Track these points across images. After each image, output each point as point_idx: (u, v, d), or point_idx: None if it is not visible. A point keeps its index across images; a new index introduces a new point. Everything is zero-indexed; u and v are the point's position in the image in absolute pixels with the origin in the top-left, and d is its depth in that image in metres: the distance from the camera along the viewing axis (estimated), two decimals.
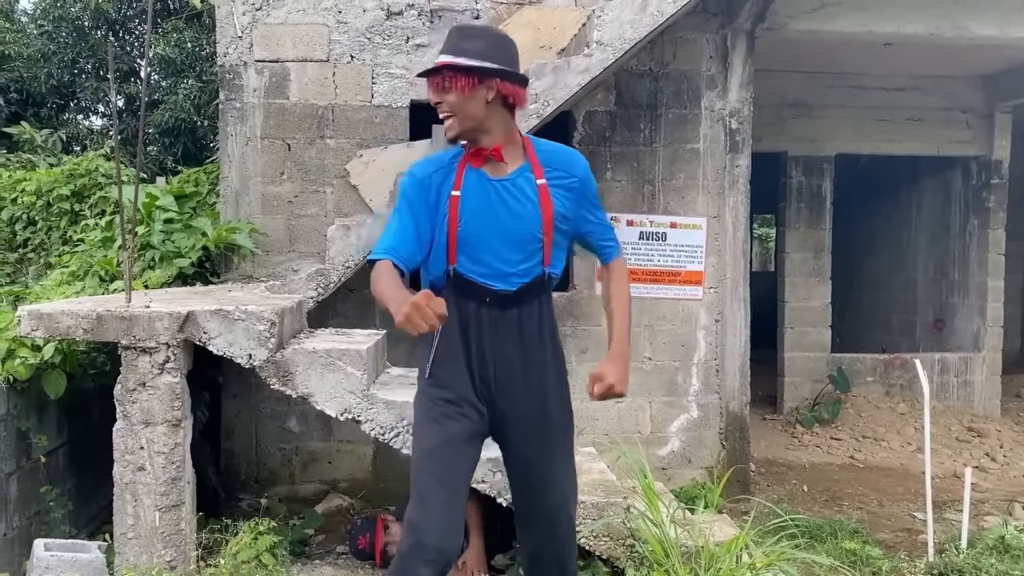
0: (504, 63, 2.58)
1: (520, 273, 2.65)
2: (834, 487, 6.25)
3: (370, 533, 4.20)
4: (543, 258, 2.67)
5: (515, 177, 2.65)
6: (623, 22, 4.70)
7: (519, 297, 2.65)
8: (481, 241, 2.63)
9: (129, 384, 3.50)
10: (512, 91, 2.60)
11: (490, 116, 2.59)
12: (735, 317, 5.85)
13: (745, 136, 5.85)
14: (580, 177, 2.69)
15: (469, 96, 2.55)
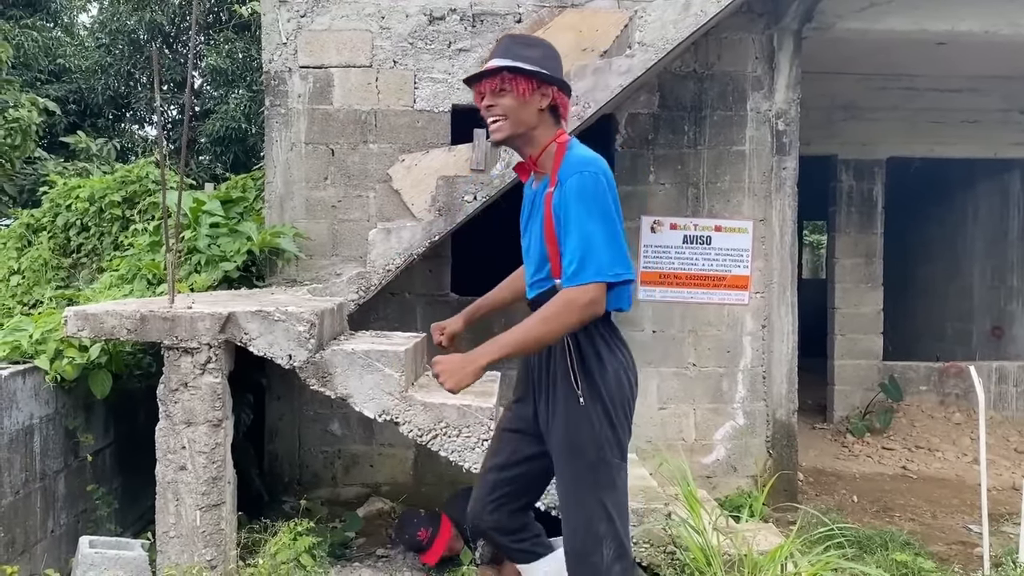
0: (557, 73, 2.61)
1: (535, 285, 2.68)
2: (885, 498, 6.07)
3: (433, 528, 4.10)
4: (552, 270, 2.60)
5: (540, 188, 2.65)
6: (666, 22, 4.64)
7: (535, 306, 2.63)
8: (524, 255, 2.76)
9: (171, 384, 3.54)
10: (563, 101, 2.62)
11: (540, 124, 2.59)
12: (782, 323, 5.73)
13: (792, 138, 5.74)
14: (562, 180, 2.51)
15: (527, 101, 2.55)
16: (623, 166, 5.74)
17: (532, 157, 2.62)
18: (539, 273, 2.65)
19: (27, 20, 16.16)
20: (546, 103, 2.57)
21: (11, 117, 9.99)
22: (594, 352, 2.61)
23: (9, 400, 3.46)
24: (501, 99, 2.54)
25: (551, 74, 2.57)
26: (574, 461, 2.61)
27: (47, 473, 3.77)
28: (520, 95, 2.54)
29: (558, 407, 2.62)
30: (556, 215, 2.52)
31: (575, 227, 2.46)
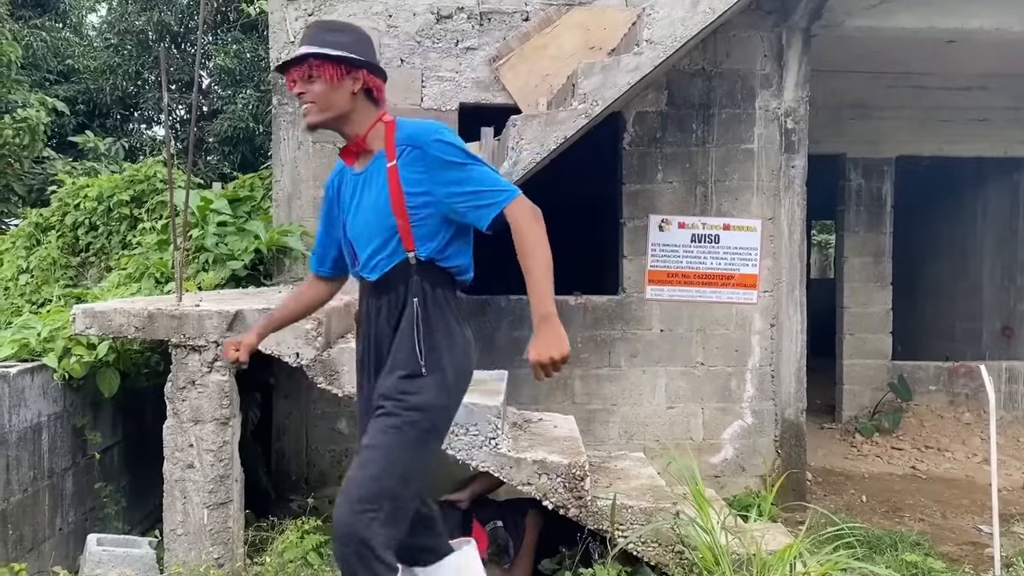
0: (368, 57, 2.63)
1: (381, 263, 2.64)
2: (894, 498, 6.04)
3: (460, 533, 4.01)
4: (403, 243, 2.60)
5: (371, 165, 2.65)
6: (674, 20, 4.63)
7: (384, 286, 2.64)
8: (357, 238, 2.70)
9: (179, 382, 3.54)
10: (376, 84, 2.64)
11: (355, 107, 2.61)
12: (791, 322, 5.71)
13: (801, 136, 5.72)
14: (422, 144, 2.54)
15: (337, 86, 2.57)
16: (631, 164, 5.73)
17: (360, 136, 2.63)
18: (383, 250, 2.62)
19: (36, 20, 16.23)
20: (358, 87, 2.59)
21: (20, 117, 10.02)
22: (444, 325, 2.64)
23: (17, 398, 3.46)
24: (311, 85, 2.56)
25: (360, 58, 2.58)
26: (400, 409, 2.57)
27: (55, 471, 3.78)
28: (329, 80, 2.55)
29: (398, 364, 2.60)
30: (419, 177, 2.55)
31: (470, 167, 2.56)
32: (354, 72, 2.58)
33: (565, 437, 4.03)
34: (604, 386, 5.68)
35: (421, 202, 2.57)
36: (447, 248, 2.65)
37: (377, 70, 2.65)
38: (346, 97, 2.58)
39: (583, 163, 6.23)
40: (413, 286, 2.62)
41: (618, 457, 4.55)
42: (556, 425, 4.30)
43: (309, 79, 2.56)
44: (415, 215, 2.57)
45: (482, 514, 4.05)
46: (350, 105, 2.59)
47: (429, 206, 2.58)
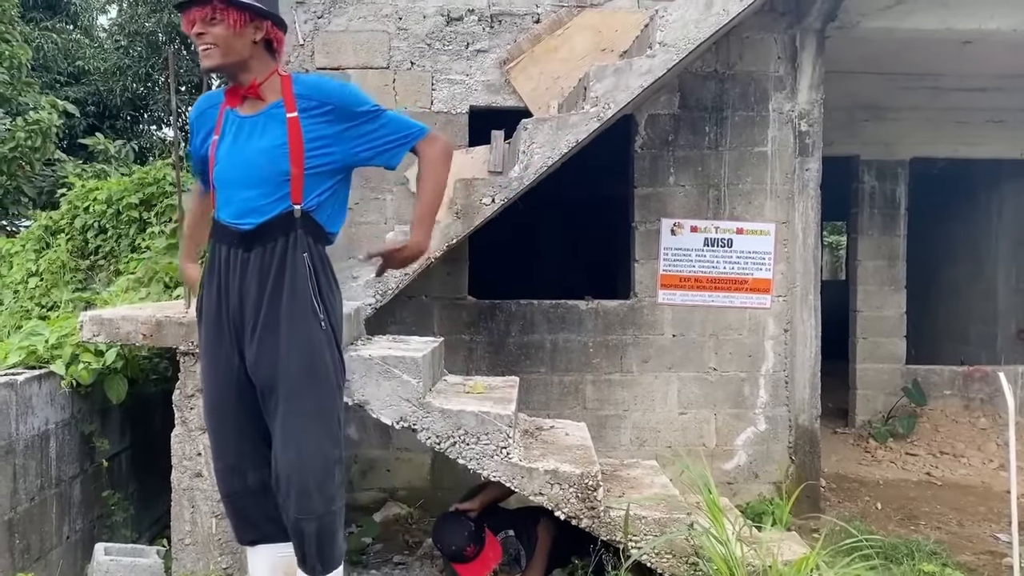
0: (272, 8, 2.66)
1: (260, 210, 2.62)
2: (910, 505, 5.96)
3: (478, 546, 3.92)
4: (291, 193, 2.62)
5: (265, 112, 2.65)
6: (687, 22, 4.56)
7: (261, 235, 2.62)
8: (229, 181, 2.66)
9: (187, 390, 3.50)
10: (277, 36, 2.68)
11: (253, 55, 2.62)
12: (805, 327, 5.63)
13: (816, 139, 5.65)
14: (336, 101, 2.66)
15: (239, 33, 2.58)
16: (642, 167, 5.67)
17: (255, 82, 2.64)
18: (265, 198, 2.63)
19: (47, 23, 16.28)
20: (259, 36, 2.62)
21: (31, 119, 10.04)
22: (328, 278, 2.72)
23: (25, 406, 3.43)
24: (212, 28, 2.56)
25: (265, 8, 2.61)
26: (317, 387, 2.66)
27: (63, 479, 3.75)
28: (231, 26, 2.56)
29: (296, 334, 2.61)
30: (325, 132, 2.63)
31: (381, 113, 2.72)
32: (257, 21, 2.61)
33: (577, 445, 3.97)
34: (616, 391, 5.62)
35: (320, 152, 2.64)
36: (327, 202, 2.72)
37: (280, 23, 2.68)
38: (247, 45, 2.60)
39: (592, 162, 6.17)
40: (298, 240, 2.63)
41: (631, 465, 4.49)
42: (568, 433, 4.24)
43: (211, 21, 2.55)
44: (310, 165, 2.62)
45: (493, 523, 4.01)
46: (249, 52, 2.61)
47: (329, 156, 2.66)
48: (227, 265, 2.66)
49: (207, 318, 2.73)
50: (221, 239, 2.70)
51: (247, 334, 2.65)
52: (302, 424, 2.64)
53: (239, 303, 2.64)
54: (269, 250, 2.61)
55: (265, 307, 2.61)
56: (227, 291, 2.66)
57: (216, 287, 2.69)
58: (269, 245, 2.61)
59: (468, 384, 4.21)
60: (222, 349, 2.70)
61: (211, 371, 2.75)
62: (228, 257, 2.66)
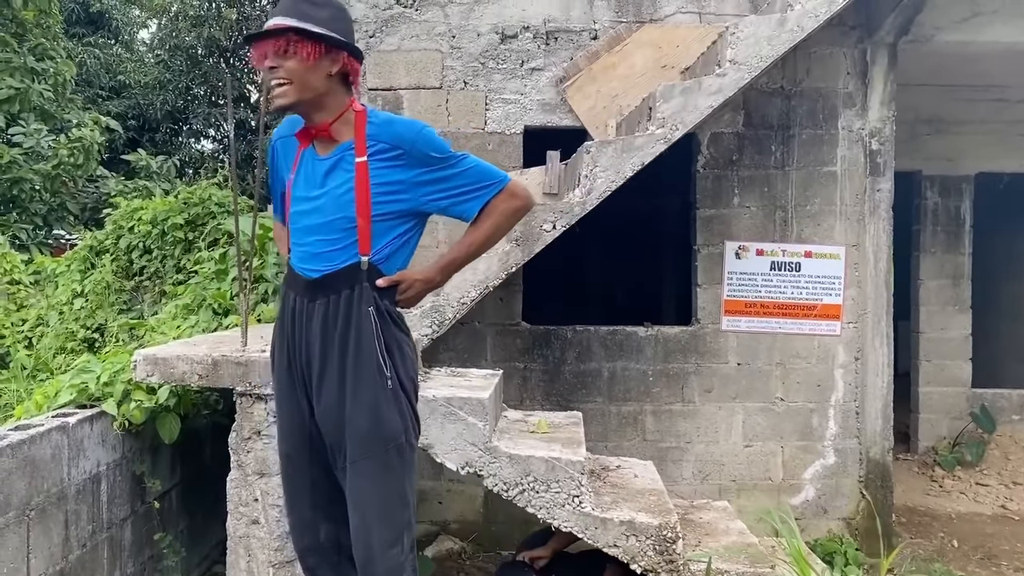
0: (348, 37, 2.45)
1: (325, 258, 2.44)
2: (988, 542, 5.65)
3: None
4: (359, 243, 2.42)
5: (336, 155, 2.45)
6: (760, 39, 4.34)
7: (325, 285, 2.44)
8: (300, 225, 2.51)
9: (244, 432, 3.34)
10: (353, 68, 2.47)
11: (328, 91, 2.41)
12: (876, 355, 5.36)
13: (887, 157, 5.39)
14: (408, 145, 2.44)
15: (313, 66, 2.36)
16: (705, 188, 5.45)
17: (327, 123, 2.43)
18: (334, 245, 2.44)
19: (90, 38, 16.42)
20: (336, 69, 2.40)
21: (75, 136, 10.04)
22: (396, 331, 2.50)
23: (77, 449, 3.29)
24: (286, 61, 2.35)
25: (342, 38, 2.40)
26: (384, 448, 2.47)
27: (113, 522, 3.60)
28: (305, 59, 2.34)
29: (360, 393, 2.43)
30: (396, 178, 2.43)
31: (459, 160, 2.50)
32: (334, 52, 2.40)
33: (649, 490, 3.75)
34: (677, 423, 5.38)
35: (390, 199, 2.43)
36: (398, 252, 2.52)
37: (357, 53, 2.47)
38: (322, 79, 2.39)
39: (645, 178, 5.96)
40: (364, 293, 2.44)
41: (702, 507, 4.26)
42: (636, 474, 4.03)
43: (284, 54, 2.34)
44: (378, 212, 2.41)
45: (559, 570, 3.80)
46: (325, 87, 2.40)
47: (399, 203, 2.45)
48: (294, 313, 2.51)
49: (279, 365, 2.59)
50: (291, 285, 2.55)
51: (314, 387, 2.50)
52: (368, 487, 2.46)
53: (306, 354, 2.49)
54: (333, 302, 2.44)
55: (329, 363, 2.44)
56: (294, 340, 2.51)
57: (285, 335, 2.55)
58: (333, 297, 2.44)
59: (531, 422, 4.02)
60: (294, 398, 2.56)
61: (284, 419, 2.61)
62: (295, 305, 2.51)
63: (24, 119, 10.34)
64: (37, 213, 10.12)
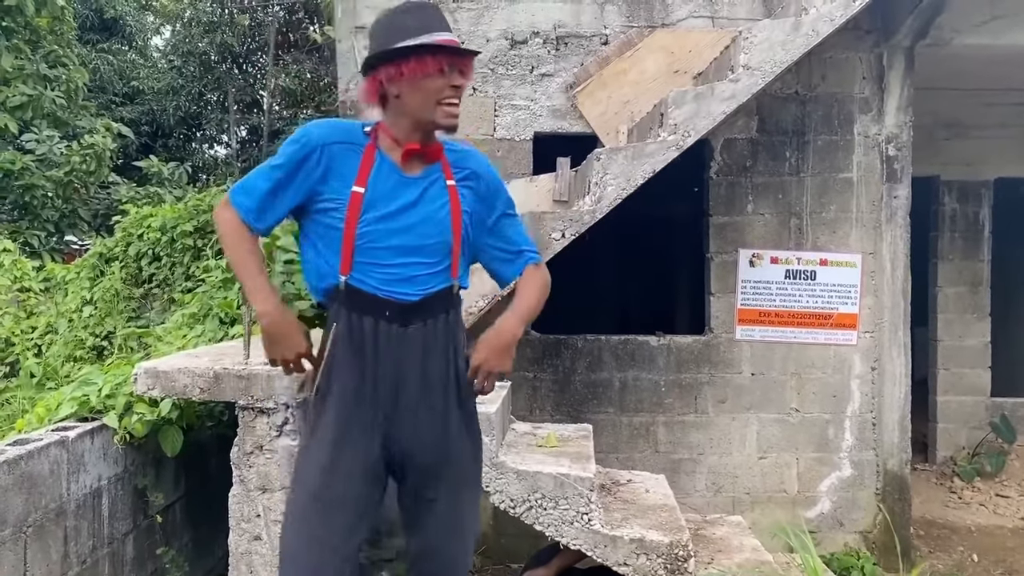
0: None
1: (424, 282, 2.30)
2: (1010, 557, 5.53)
3: None
4: (452, 267, 2.35)
5: (429, 177, 2.34)
6: (774, 44, 4.25)
7: (423, 309, 2.29)
8: (391, 246, 2.28)
9: (246, 447, 3.28)
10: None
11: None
12: (894, 365, 5.26)
13: (904, 164, 5.29)
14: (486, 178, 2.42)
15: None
16: (718, 195, 5.36)
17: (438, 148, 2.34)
18: (433, 268, 2.32)
19: (103, 44, 16.48)
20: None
21: (86, 143, 10.05)
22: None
23: (77, 464, 3.23)
24: (467, 81, 2.31)
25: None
26: (479, 472, 2.50)
27: (115, 536, 3.55)
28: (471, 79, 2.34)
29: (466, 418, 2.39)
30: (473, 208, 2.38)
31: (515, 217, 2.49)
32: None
33: (661, 505, 3.66)
34: (690, 434, 5.29)
35: (472, 232, 2.40)
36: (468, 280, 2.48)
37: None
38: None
39: (658, 185, 5.88)
40: (458, 317, 2.39)
41: (715, 522, 4.16)
42: (648, 489, 3.94)
43: (466, 75, 2.29)
44: (463, 238, 2.37)
45: None
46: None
47: (472, 239, 2.41)
48: (376, 340, 2.28)
49: (342, 398, 2.30)
50: (364, 309, 2.28)
51: (406, 416, 2.31)
52: (469, 512, 2.44)
53: (394, 383, 2.29)
54: (431, 326, 2.30)
55: (430, 389, 2.31)
56: (377, 369, 2.28)
57: (360, 364, 2.28)
58: (431, 321, 2.30)
59: (539, 435, 3.94)
60: (361, 433, 2.31)
61: (347, 459, 2.31)
62: (376, 331, 2.28)
63: (37, 126, 10.36)
64: (49, 219, 10.14)
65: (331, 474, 2.31)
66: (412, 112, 2.26)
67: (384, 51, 2.24)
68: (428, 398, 2.31)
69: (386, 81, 2.25)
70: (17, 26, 10.72)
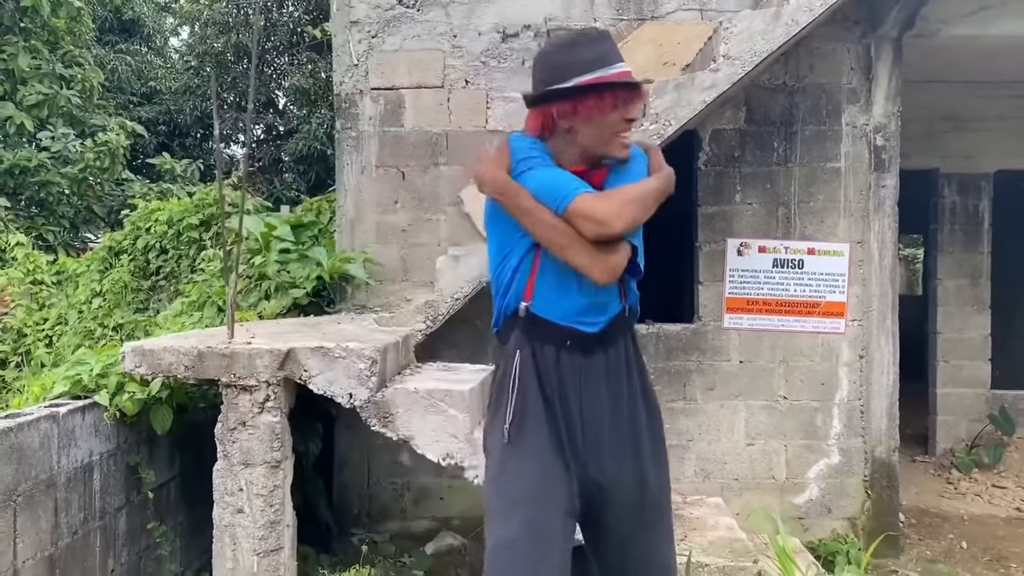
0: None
1: (601, 310, 2.25)
2: (999, 545, 5.55)
3: None
4: (620, 291, 2.30)
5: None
6: (753, 34, 4.33)
7: (604, 339, 2.25)
8: (565, 275, 2.22)
9: (229, 423, 3.40)
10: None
11: None
12: (882, 353, 5.30)
13: (892, 154, 5.33)
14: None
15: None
16: (706, 185, 5.42)
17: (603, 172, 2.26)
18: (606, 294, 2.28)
19: (122, 45, 16.75)
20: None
21: (100, 141, 10.25)
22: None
23: (67, 438, 3.37)
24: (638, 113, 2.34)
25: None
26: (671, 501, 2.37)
27: (107, 511, 3.68)
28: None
29: (658, 446, 2.29)
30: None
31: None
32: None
33: None
34: (678, 420, 5.36)
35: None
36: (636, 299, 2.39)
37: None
38: None
39: None
40: (631, 343, 2.33)
41: (694, 503, 4.25)
42: None
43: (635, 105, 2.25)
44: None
45: None
46: None
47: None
48: (559, 369, 2.23)
49: (534, 428, 2.22)
50: (544, 339, 2.25)
51: (595, 448, 2.24)
52: (669, 544, 2.35)
53: (578, 412, 2.23)
54: (612, 356, 2.27)
55: (623, 417, 2.26)
56: (564, 400, 2.23)
57: (545, 394, 2.23)
58: (611, 350, 2.27)
59: None
60: (557, 468, 2.22)
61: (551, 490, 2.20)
62: (559, 360, 2.24)
63: (52, 124, 10.58)
64: (65, 215, 10.35)
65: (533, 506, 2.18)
66: (586, 146, 2.22)
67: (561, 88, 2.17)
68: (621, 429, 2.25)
69: (558, 116, 2.20)
70: (35, 27, 10.96)
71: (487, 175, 2.27)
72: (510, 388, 2.23)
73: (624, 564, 2.28)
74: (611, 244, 2.16)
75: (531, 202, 2.18)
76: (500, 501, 2.22)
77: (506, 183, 2.22)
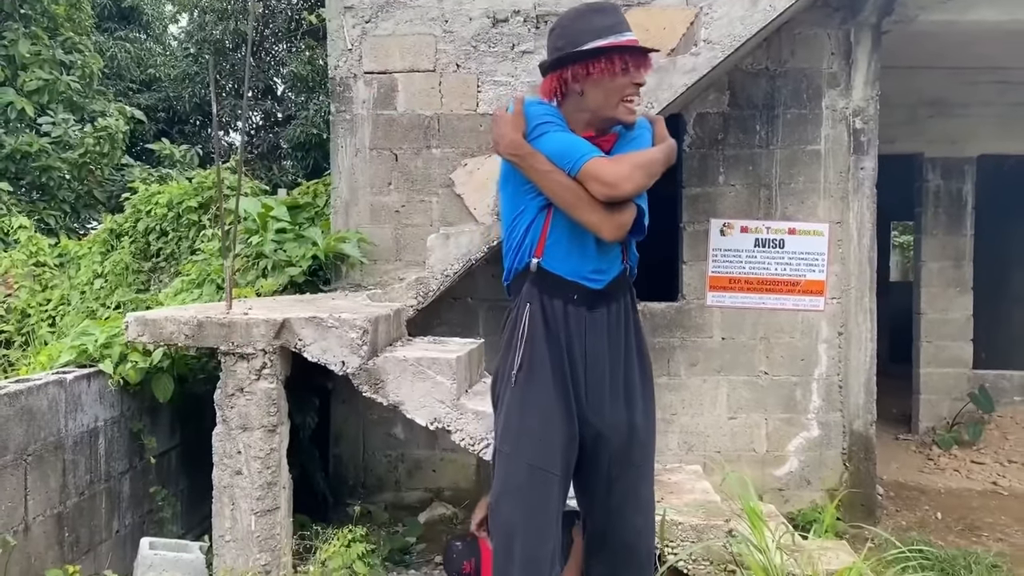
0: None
1: (605, 269, 2.48)
2: (972, 515, 5.74)
3: (476, 558, 3.98)
4: (622, 251, 2.53)
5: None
6: (733, 19, 4.49)
7: (607, 295, 2.47)
8: (574, 234, 2.42)
9: (228, 389, 3.57)
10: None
11: None
12: (860, 330, 5.47)
13: (871, 136, 5.48)
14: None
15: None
16: (691, 167, 5.59)
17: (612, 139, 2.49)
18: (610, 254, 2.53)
19: (121, 32, 16.85)
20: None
21: (100, 126, 10.40)
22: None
23: (74, 403, 3.55)
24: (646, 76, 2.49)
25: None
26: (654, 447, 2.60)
27: (112, 474, 3.86)
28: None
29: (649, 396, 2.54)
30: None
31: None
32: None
33: None
34: (663, 395, 5.53)
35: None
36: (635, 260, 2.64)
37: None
38: None
39: None
40: (630, 301, 2.55)
41: (673, 470, 4.43)
42: None
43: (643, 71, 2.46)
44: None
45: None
46: None
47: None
48: (566, 321, 2.42)
49: (541, 375, 2.41)
50: (553, 293, 2.43)
51: (596, 395, 2.45)
52: (650, 489, 2.59)
53: (582, 363, 2.43)
54: (613, 311, 2.48)
55: (620, 368, 2.47)
56: (570, 349, 2.42)
57: (552, 343, 2.42)
58: (613, 306, 2.48)
59: None
60: (562, 411, 2.41)
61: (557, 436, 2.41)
62: (566, 313, 2.42)
63: (53, 109, 10.73)
64: (66, 200, 10.51)
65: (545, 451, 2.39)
66: (595, 108, 2.41)
67: (576, 52, 2.37)
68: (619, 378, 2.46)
69: (571, 79, 2.39)
70: (35, 13, 11.09)
71: (504, 137, 2.42)
72: (520, 337, 2.42)
73: (609, 498, 2.51)
74: (619, 205, 2.35)
75: (546, 164, 2.36)
76: (508, 445, 2.43)
77: (521, 145, 2.39)
